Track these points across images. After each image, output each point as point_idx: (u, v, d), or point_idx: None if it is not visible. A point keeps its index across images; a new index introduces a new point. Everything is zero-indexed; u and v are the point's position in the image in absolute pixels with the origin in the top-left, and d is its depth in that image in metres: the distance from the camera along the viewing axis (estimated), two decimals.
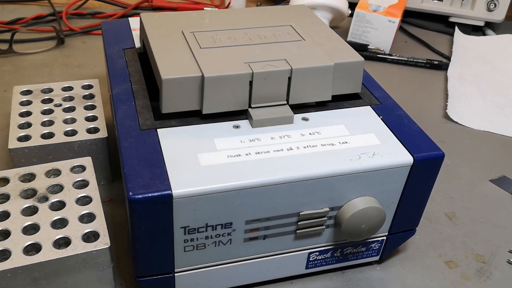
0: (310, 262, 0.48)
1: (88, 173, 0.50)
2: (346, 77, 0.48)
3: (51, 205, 0.46)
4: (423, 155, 0.44)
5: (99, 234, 0.44)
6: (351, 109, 0.49)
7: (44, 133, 0.55)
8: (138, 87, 0.49)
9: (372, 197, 0.44)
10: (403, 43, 0.98)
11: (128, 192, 0.38)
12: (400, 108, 0.49)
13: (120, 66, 0.53)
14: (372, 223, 0.44)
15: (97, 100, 0.61)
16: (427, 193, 0.46)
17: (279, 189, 0.41)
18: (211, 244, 0.43)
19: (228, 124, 0.45)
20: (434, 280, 0.51)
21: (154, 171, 0.40)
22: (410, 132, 0.46)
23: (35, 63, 0.82)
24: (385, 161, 0.43)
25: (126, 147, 0.42)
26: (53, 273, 0.42)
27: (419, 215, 0.48)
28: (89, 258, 0.43)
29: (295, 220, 0.44)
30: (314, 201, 0.43)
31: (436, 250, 0.55)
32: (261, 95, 0.45)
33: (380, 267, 0.52)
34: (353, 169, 0.42)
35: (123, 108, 0.46)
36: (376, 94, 0.51)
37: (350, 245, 0.48)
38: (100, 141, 0.55)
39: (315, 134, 0.45)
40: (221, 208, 0.40)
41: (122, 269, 0.49)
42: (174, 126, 0.44)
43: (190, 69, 0.44)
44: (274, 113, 0.45)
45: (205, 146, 0.42)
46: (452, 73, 0.87)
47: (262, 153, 0.42)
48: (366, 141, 0.45)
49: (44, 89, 0.62)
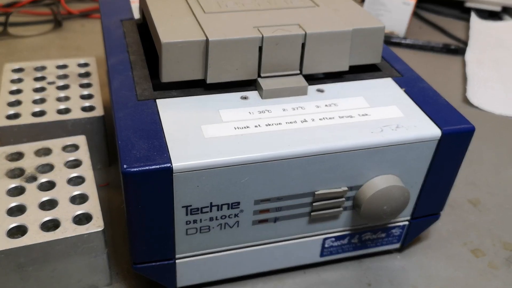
0: (325, 249, 0.44)
1: (82, 152, 0.45)
2: (365, 45, 0.43)
3: (39, 185, 0.42)
4: (451, 128, 0.39)
5: (92, 216, 0.39)
6: (370, 81, 0.44)
7: (35, 111, 0.50)
8: (137, 57, 0.45)
9: (394, 176, 0.40)
10: (418, 29, 0.94)
11: (122, 165, 0.33)
12: (423, 80, 0.45)
13: (118, 36, 0.48)
14: (395, 204, 0.40)
15: (94, 78, 0.56)
16: (454, 172, 0.42)
17: (293, 164, 0.36)
18: (216, 226, 0.38)
19: (235, 95, 0.41)
20: (460, 270, 0.47)
21: (152, 142, 0.35)
22: (436, 105, 0.42)
23: (31, 45, 0.78)
24: (410, 134, 0.38)
25: (121, 117, 0.37)
26: (40, 259, 0.38)
27: (445, 197, 0.44)
28: (80, 242, 0.38)
29: (310, 200, 0.39)
30: (331, 179, 0.38)
31: (461, 238, 0.50)
32: (272, 63, 0.41)
33: (401, 256, 0.48)
34: (375, 142, 0.37)
35: (119, 79, 0.42)
36: (397, 66, 0.47)
37: (369, 231, 0.44)
38: (96, 120, 0.51)
39: (332, 106, 0.41)
40: (227, 185, 0.36)
41: (119, 257, 0.45)
42: (175, 96, 0.40)
43: (193, 33, 0.39)
44: (286, 83, 0.41)
45: (210, 118, 0.38)
46: (470, 58, 0.82)
47: (273, 125, 0.38)
48: (388, 114, 0.40)
49: (37, 67, 0.57)
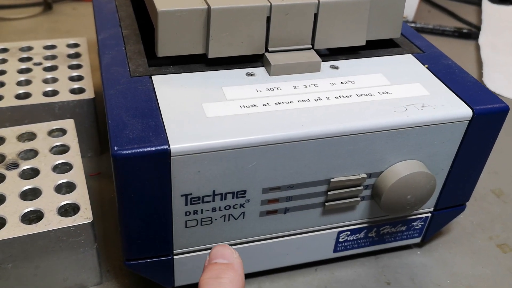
0: (339, 244, 0.39)
1: (70, 137, 0.41)
2: (384, 17, 0.39)
3: (21, 173, 0.38)
4: (484, 107, 0.35)
5: (80, 207, 0.35)
6: (389, 57, 0.40)
7: (19, 93, 0.46)
8: (130, 32, 0.41)
9: (419, 161, 0.36)
10: (426, 12, 0.89)
11: (112, 146, 0.29)
12: (447, 57, 0.41)
13: (109, 10, 0.44)
14: (420, 194, 0.36)
15: (84, 59, 0.52)
16: (484, 157, 0.38)
17: (306, 148, 0.32)
18: (219, 218, 0.34)
19: (240, 71, 0.36)
20: (487, 266, 0.42)
21: (147, 122, 0.31)
22: (464, 83, 0.37)
23: (19, 28, 0.73)
24: (438, 114, 0.34)
25: (112, 95, 0.33)
26: (21, 255, 0.34)
27: (473, 185, 0.40)
28: (66, 236, 0.34)
29: (324, 189, 0.35)
30: (349, 165, 0.34)
31: (486, 232, 0.46)
32: (281, 36, 0.36)
33: (421, 251, 0.43)
34: (399, 122, 0.33)
35: (110, 54, 0.37)
36: (417, 42, 0.42)
37: (388, 223, 0.40)
38: (86, 103, 0.46)
39: (348, 83, 0.36)
40: (232, 171, 0.32)
41: (110, 253, 0.41)
42: (173, 73, 0.36)
43: (193, 0, 0.35)
44: (297, 58, 0.37)
45: (212, 95, 0.34)
46: (484, 42, 0.78)
47: (284, 104, 0.34)
48: (411, 92, 0.36)
49: (23, 47, 0.53)
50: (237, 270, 0.28)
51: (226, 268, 0.28)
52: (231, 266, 0.28)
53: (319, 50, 0.38)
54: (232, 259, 0.29)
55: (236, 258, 0.29)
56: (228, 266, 0.28)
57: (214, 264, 0.28)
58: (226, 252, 0.29)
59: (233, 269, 0.28)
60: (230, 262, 0.28)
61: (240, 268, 0.29)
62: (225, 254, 0.29)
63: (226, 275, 0.27)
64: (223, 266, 0.28)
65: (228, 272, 0.28)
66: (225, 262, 0.28)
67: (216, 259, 0.29)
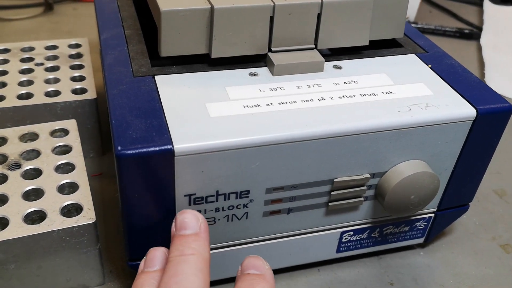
0: (342, 244, 0.39)
1: (72, 137, 0.41)
2: (387, 17, 0.39)
3: (24, 173, 0.37)
4: (488, 107, 0.35)
5: (82, 207, 0.35)
6: (392, 57, 0.40)
7: (21, 94, 0.46)
8: (133, 32, 0.40)
9: (422, 161, 0.35)
10: (428, 13, 0.89)
11: (116, 146, 0.29)
12: (451, 57, 0.41)
13: (111, 10, 0.44)
14: (424, 194, 0.36)
15: (86, 59, 0.52)
16: (488, 157, 0.38)
17: (309, 147, 0.32)
18: (223, 218, 0.34)
19: (243, 71, 0.36)
20: (490, 267, 0.42)
21: (150, 122, 0.31)
22: (467, 82, 0.37)
23: (20, 28, 0.73)
24: (442, 114, 0.34)
25: (115, 95, 0.33)
26: (24, 255, 0.34)
27: (476, 186, 0.40)
28: (69, 236, 0.34)
29: (328, 189, 0.35)
30: (352, 165, 0.34)
31: (488, 232, 0.46)
32: (284, 36, 0.36)
33: (424, 252, 0.43)
34: (403, 122, 0.33)
35: (113, 54, 0.37)
36: (420, 42, 0.42)
37: (391, 224, 0.40)
38: (88, 103, 0.46)
39: (352, 83, 0.36)
40: (235, 171, 0.31)
41: (112, 254, 0.41)
42: (176, 73, 0.36)
43: (196, 0, 0.35)
44: (300, 58, 0.37)
45: (215, 95, 0.34)
46: (486, 43, 0.78)
47: (288, 104, 0.33)
48: (415, 91, 0.36)
49: (25, 47, 0.53)
50: (269, 281, 0.28)
51: (259, 278, 0.28)
52: (263, 276, 0.28)
53: (322, 50, 0.38)
54: (264, 270, 0.29)
55: (268, 270, 0.29)
56: (261, 276, 0.28)
57: (247, 274, 0.29)
58: (258, 263, 0.29)
59: (266, 280, 0.28)
60: (262, 273, 0.29)
61: (272, 279, 0.29)
62: (257, 265, 0.29)
63: (259, 285, 0.28)
64: (255, 277, 0.28)
65: (261, 283, 0.28)
66: (257, 273, 0.29)
67: (248, 270, 0.29)
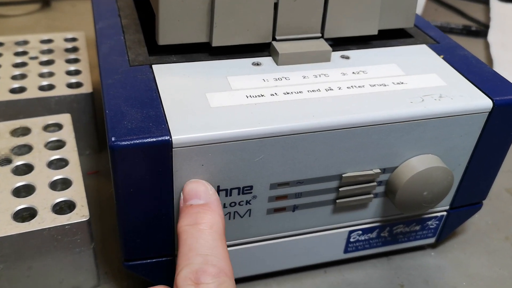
0: (350, 244, 0.37)
1: (66, 132, 0.39)
2: (397, 5, 0.37)
3: (14, 169, 0.35)
4: (504, 98, 0.33)
5: (76, 204, 0.33)
6: (402, 47, 0.38)
7: (14, 87, 0.44)
8: (129, 21, 0.39)
9: (435, 156, 0.33)
10: (433, 11, 0.87)
11: (110, 137, 0.27)
12: (463, 48, 0.39)
13: (108, 0, 0.42)
14: (437, 190, 0.34)
15: (82, 53, 0.50)
16: (503, 151, 0.36)
17: (316, 140, 0.30)
18: (224, 216, 0.32)
19: (246, 61, 0.34)
20: (504, 268, 0.40)
21: (147, 112, 0.29)
22: (482, 73, 0.35)
23: (16, 25, 0.71)
24: (457, 105, 0.32)
25: (110, 84, 0.31)
26: (13, 255, 0.32)
27: (490, 182, 0.38)
28: (61, 235, 0.32)
29: (336, 185, 0.33)
30: (362, 159, 0.32)
31: (501, 232, 0.44)
32: (289, 24, 0.34)
33: (435, 252, 0.41)
34: (416, 113, 0.31)
35: (109, 43, 0.35)
36: (431, 33, 0.40)
37: (402, 223, 0.38)
38: (84, 98, 0.44)
39: (360, 73, 0.34)
40: (237, 164, 0.30)
41: (108, 254, 0.39)
42: (175, 62, 0.34)
43: None
44: (306, 47, 0.35)
45: (216, 85, 0.32)
46: (494, 40, 0.76)
47: (293, 94, 0.31)
48: (427, 82, 0.34)
49: (19, 41, 0.51)
50: (215, 210, 0.26)
51: (203, 210, 0.26)
52: (208, 207, 0.26)
53: (328, 40, 0.36)
54: (207, 198, 0.27)
55: (212, 195, 0.27)
56: (205, 207, 0.26)
57: (190, 207, 0.27)
58: (200, 189, 0.27)
59: (211, 210, 0.26)
60: (207, 202, 0.27)
61: (217, 205, 0.27)
62: (199, 193, 0.27)
63: (204, 219, 0.26)
64: (199, 209, 0.26)
65: (206, 216, 0.26)
66: (201, 203, 0.26)
67: (191, 200, 0.27)
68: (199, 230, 0.25)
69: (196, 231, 0.25)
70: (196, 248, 0.25)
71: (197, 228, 0.25)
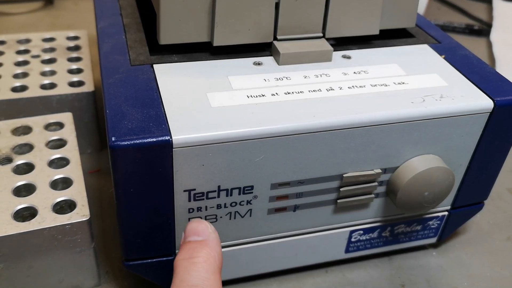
0: (351, 244, 0.37)
1: (67, 131, 0.39)
2: (399, 5, 0.37)
3: (15, 168, 0.36)
4: (505, 99, 0.33)
5: (76, 203, 0.33)
6: (403, 47, 0.38)
7: (15, 86, 0.44)
8: (131, 20, 0.39)
9: (436, 156, 0.33)
10: (436, 10, 0.87)
11: (110, 137, 0.27)
12: (464, 48, 0.38)
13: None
14: (438, 190, 0.34)
15: (84, 52, 0.50)
16: (505, 151, 0.36)
17: (317, 140, 0.30)
18: (225, 216, 0.32)
19: (247, 60, 0.34)
20: (506, 268, 0.40)
21: (147, 112, 0.29)
22: (483, 73, 0.35)
23: (18, 23, 0.71)
24: (458, 105, 0.32)
25: (111, 83, 0.31)
26: (13, 255, 0.32)
27: (492, 182, 0.38)
28: (61, 234, 0.32)
29: (336, 185, 0.33)
30: (363, 159, 0.32)
31: (503, 232, 0.44)
32: (290, 24, 0.34)
33: (437, 252, 0.41)
34: (417, 114, 0.31)
35: (110, 42, 0.35)
36: (432, 33, 0.40)
37: (403, 222, 0.38)
38: (85, 97, 0.44)
39: (362, 73, 0.34)
40: (238, 164, 0.29)
41: (108, 253, 0.39)
42: (176, 61, 0.34)
43: None
44: (307, 47, 0.35)
45: (217, 85, 0.32)
46: (496, 39, 0.76)
47: (294, 94, 0.31)
48: (428, 82, 0.34)
49: (21, 39, 0.51)
50: (212, 247, 0.27)
51: (200, 246, 0.27)
52: (205, 243, 0.27)
53: (329, 40, 0.36)
54: (206, 235, 0.27)
55: (211, 233, 0.28)
56: (202, 243, 0.27)
57: (188, 243, 0.27)
58: (200, 227, 0.28)
59: (207, 246, 0.27)
60: (205, 239, 0.27)
61: (215, 243, 0.27)
62: (199, 231, 0.28)
63: (200, 253, 0.26)
64: (197, 245, 0.27)
65: (202, 250, 0.26)
66: (199, 240, 0.27)
67: (190, 237, 0.27)
68: (193, 263, 0.26)
69: (190, 264, 0.26)
70: (187, 279, 0.25)
71: (191, 262, 0.26)
